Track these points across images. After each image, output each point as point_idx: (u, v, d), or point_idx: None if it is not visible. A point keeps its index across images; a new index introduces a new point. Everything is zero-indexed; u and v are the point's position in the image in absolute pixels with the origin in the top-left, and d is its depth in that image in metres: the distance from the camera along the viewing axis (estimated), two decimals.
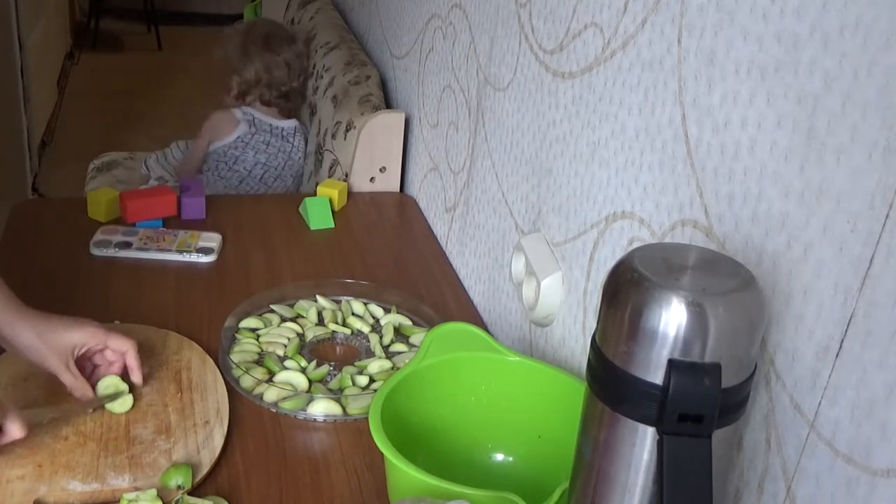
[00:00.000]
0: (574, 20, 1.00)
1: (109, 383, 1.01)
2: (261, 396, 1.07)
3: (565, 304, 1.04)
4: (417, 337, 1.21)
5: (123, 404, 1.01)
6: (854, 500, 0.60)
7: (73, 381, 0.98)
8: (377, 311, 1.26)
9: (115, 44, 5.19)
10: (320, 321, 1.23)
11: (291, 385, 1.09)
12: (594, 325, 0.65)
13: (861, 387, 0.60)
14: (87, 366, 1.02)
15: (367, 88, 1.74)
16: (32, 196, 3.21)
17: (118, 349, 1.01)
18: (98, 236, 1.38)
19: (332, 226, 1.51)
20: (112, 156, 2.51)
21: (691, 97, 0.78)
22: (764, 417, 0.69)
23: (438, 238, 1.52)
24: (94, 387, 1.00)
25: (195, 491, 0.92)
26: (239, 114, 2.12)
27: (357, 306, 1.27)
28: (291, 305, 1.26)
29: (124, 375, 1.02)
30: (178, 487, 0.90)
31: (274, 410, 1.06)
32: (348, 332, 1.21)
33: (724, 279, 0.60)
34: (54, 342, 0.96)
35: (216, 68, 2.20)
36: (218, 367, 1.10)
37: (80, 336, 0.98)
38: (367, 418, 0.86)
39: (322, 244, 1.47)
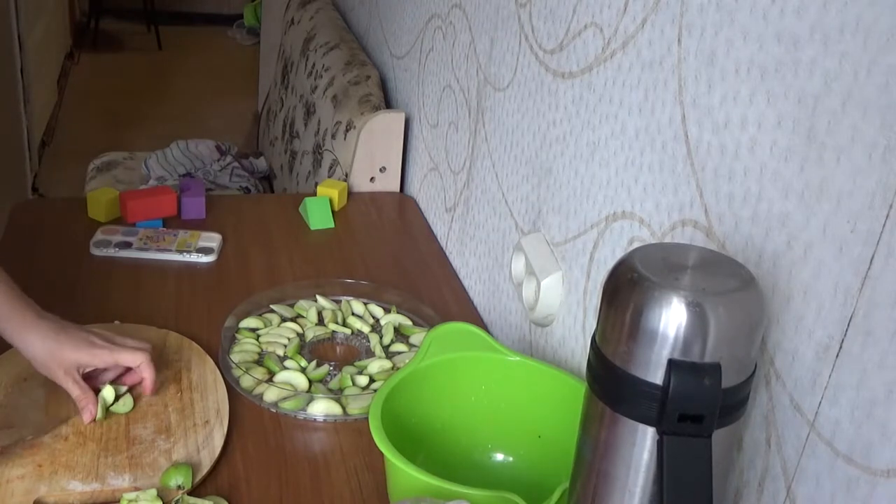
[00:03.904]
0: (574, 20, 1.00)
1: (107, 393, 1.01)
2: (261, 396, 1.07)
3: (565, 304, 1.04)
4: (417, 337, 1.21)
5: (125, 405, 1.01)
6: (854, 500, 0.60)
7: (79, 393, 0.98)
8: (377, 311, 1.26)
9: (115, 44, 5.19)
10: (320, 321, 1.23)
11: (291, 385, 1.09)
12: (594, 325, 0.65)
13: (861, 387, 0.60)
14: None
15: (367, 88, 1.74)
16: (32, 196, 3.21)
17: (128, 364, 1.01)
18: (98, 236, 1.38)
19: (332, 226, 1.51)
20: (112, 156, 2.51)
21: (691, 97, 0.78)
22: (764, 417, 0.69)
23: (438, 238, 1.52)
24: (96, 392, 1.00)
25: (195, 491, 0.92)
26: None
27: (357, 306, 1.27)
28: (291, 305, 1.26)
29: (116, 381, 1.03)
30: (178, 487, 0.90)
31: (274, 410, 1.06)
32: (348, 332, 1.21)
33: (724, 279, 0.60)
34: (61, 358, 0.97)
35: (216, 68, 2.20)
36: (218, 367, 1.10)
37: (88, 358, 0.99)
38: (367, 418, 0.86)
39: (322, 244, 1.47)
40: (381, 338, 1.20)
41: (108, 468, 0.93)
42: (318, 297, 1.27)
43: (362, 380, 1.11)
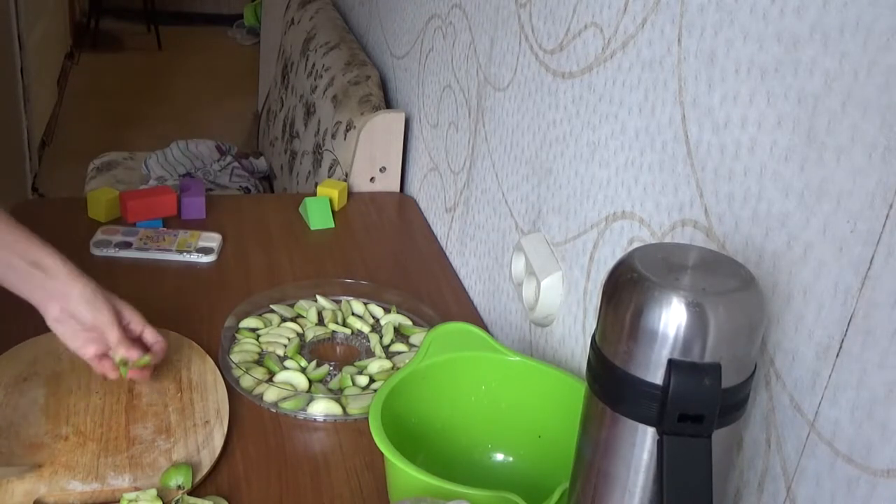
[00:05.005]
0: (574, 20, 1.00)
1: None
2: (261, 396, 1.07)
3: (565, 304, 1.04)
4: (417, 337, 1.21)
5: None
6: (854, 500, 0.60)
7: (120, 337, 0.98)
8: (377, 311, 1.26)
9: (115, 44, 5.19)
10: (320, 321, 1.23)
11: (291, 385, 1.09)
12: (594, 325, 0.65)
13: (861, 387, 0.60)
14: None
15: (367, 88, 1.74)
16: (32, 196, 3.21)
17: (150, 340, 1.02)
18: (98, 236, 1.38)
19: (332, 226, 1.51)
20: (112, 156, 2.51)
21: (691, 97, 0.78)
22: (764, 417, 0.69)
23: (438, 238, 1.52)
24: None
25: (195, 491, 0.92)
26: None
27: (357, 306, 1.27)
28: (291, 305, 1.26)
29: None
30: (178, 487, 0.90)
31: (274, 410, 1.06)
32: (348, 332, 1.21)
33: (724, 279, 0.60)
34: (111, 302, 0.98)
35: (216, 68, 2.20)
36: (218, 367, 1.10)
37: (130, 313, 1.00)
38: (367, 418, 0.86)
39: (322, 244, 1.47)
40: (381, 338, 1.20)
41: (108, 468, 0.93)
42: (318, 297, 1.27)
43: (362, 380, 1.11)
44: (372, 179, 1.66)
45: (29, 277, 0.95)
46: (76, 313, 0.96)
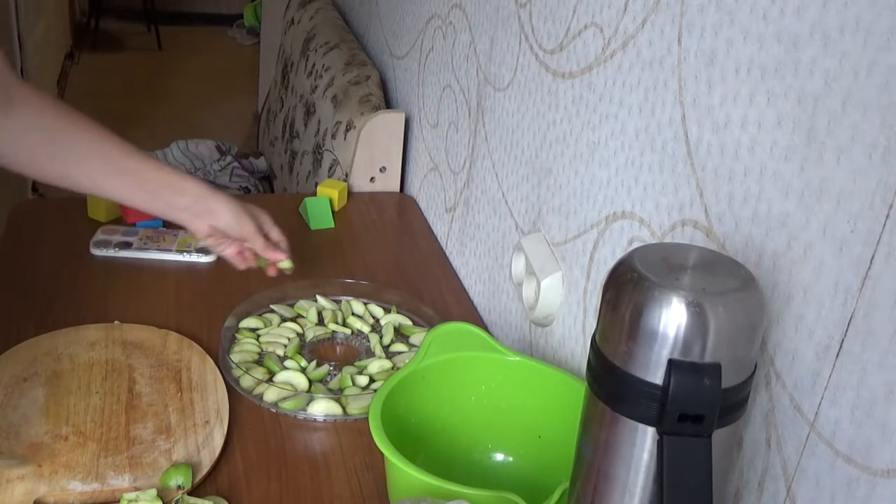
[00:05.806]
0: (574, 20, 1.00)
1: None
2: (261, 396, 1.07)
3: (565, 304, 1.04)
4: (417, 337, 1.21)
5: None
6: (854, 500, 0.60)
7: (264, 244, 1.13)
8: (377, 311, 1.26)
9: (115, 44, 5.19)
10: (320, 321, 1.23)
11: (291, 385, 1.09)
12: (594, 325, 0.65)
13: (861, 387, 0.60)
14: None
15: (367, 88, 1.74)
16: (32, 196, 3.21)
17: (275, 238, 1.17)
18: (98, 236, 1.38)
19: (332, 226, 1.51)
20: None
21: (691, 97, 0.78)
22: (764, 417, 0.69)
23: (438, 238, 1.52)
24: None
25: (195, 491, 0.92)
26: None
27: (357, 306, 1.27)
28: (291, 305, 1.26)
29: None
30: (178, 487, 0.90)
31: (274, 410, 1.06)
32: (348, 332, 1.21)
33: (724, 279, 0.60)
34: (250, 210, 1.13)
35: (216, 68, 2.20)
36: (218, 367, 1.10)
37: (263, 217, 1.16)
38: (367, 418, 0.86)
39: (322, 244, 1.47)
40: (381, 338, 1.20)
41: (108, 468, 0.93)
42: (318, 297, 1.27)
43: (362, 380, 1.11)
44: (372, 179, 1.66)
45: (176, 204, 1.07)
46: (226, 228, 1.09)
